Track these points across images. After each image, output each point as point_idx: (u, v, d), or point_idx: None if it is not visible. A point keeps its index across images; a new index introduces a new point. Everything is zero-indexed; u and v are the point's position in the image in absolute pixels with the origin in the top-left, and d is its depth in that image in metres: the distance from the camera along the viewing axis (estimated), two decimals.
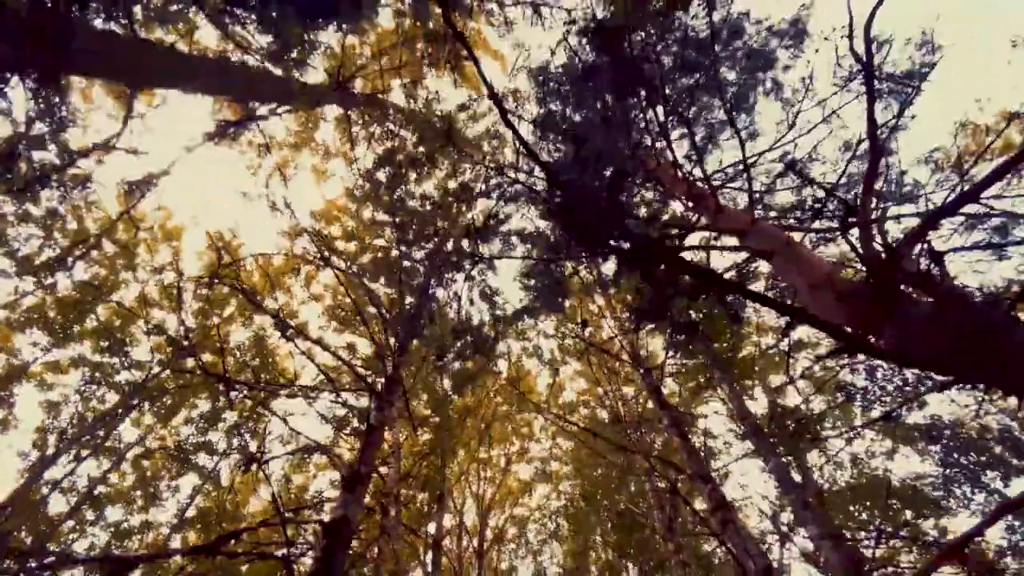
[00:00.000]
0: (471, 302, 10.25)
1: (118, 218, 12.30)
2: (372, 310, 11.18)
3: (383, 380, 7.92)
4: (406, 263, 10.86)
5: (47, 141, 7.75)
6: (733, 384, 6.96)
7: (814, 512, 5.68)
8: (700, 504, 14.26)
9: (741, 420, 6.82)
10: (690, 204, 6.98)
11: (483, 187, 8.95)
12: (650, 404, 13.47)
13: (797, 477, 7.67)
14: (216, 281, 7.41)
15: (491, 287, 9.89)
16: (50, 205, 12.08)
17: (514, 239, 9.00)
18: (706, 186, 6.12)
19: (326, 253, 11.42)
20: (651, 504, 10.09)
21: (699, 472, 6.77)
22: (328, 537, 4.90)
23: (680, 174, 7.23)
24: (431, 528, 12.93)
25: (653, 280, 7.18)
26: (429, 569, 11.78)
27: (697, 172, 7.85)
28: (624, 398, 12.86)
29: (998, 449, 8.11)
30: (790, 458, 6.47)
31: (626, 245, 7.13)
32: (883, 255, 3.56)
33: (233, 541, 4.44)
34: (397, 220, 11.26)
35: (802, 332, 11.09)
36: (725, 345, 7.82)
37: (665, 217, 7.90)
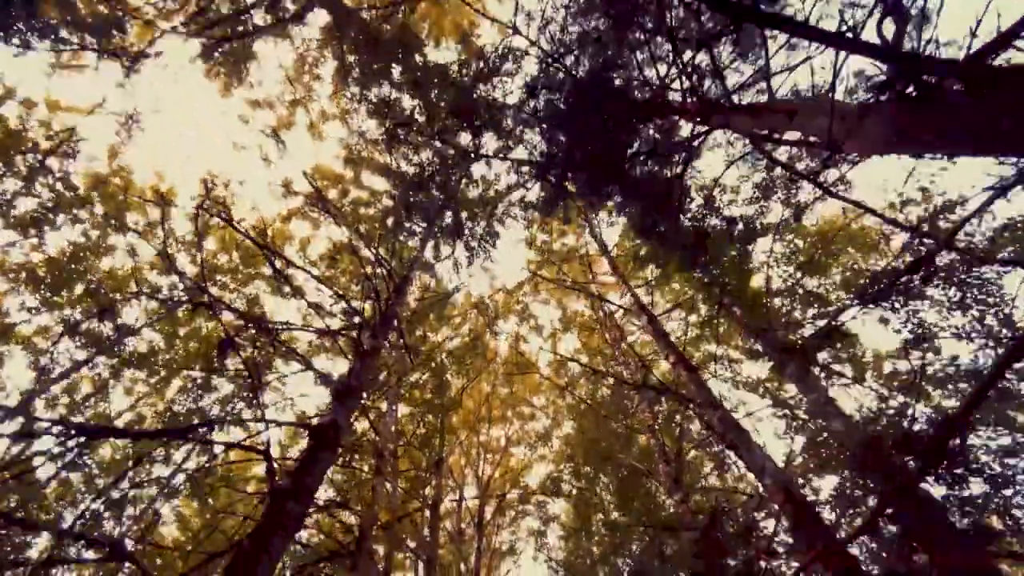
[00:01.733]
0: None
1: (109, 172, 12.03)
2: (369, 270, 10.95)
3: (378, 316, 7.65)
4: (403, 235, 10.59)
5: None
6: (745, 307, 6.65)
7: (834, 407, 5.36)
8: (709, 472, 13.87)
9: (756, 337, 6.50)
10: (698, 121, 6.68)
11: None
12: (653, 375, 13.13)
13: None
14: (205, 211, 7.10)
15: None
16: (36, 159, 11.83)
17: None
18: (720, 94, 5.80)
19: (325, 209, 11.15)
20: (655, 460, 9.75)
21: (708, 401, 6.45)
22: (314, 440, 4.57)
23: (693, 93, 6.88)
24: (428, 512, 12.56)
25: (660, 202, 6.87)
26: (427, 535, 11.42)
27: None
28: (627, 360, 12.52)
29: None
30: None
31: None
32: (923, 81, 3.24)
33: (209, 431, 4.12)
34: (394, 185, 10.99)
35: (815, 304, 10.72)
36: (735, 284, 7.47)
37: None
